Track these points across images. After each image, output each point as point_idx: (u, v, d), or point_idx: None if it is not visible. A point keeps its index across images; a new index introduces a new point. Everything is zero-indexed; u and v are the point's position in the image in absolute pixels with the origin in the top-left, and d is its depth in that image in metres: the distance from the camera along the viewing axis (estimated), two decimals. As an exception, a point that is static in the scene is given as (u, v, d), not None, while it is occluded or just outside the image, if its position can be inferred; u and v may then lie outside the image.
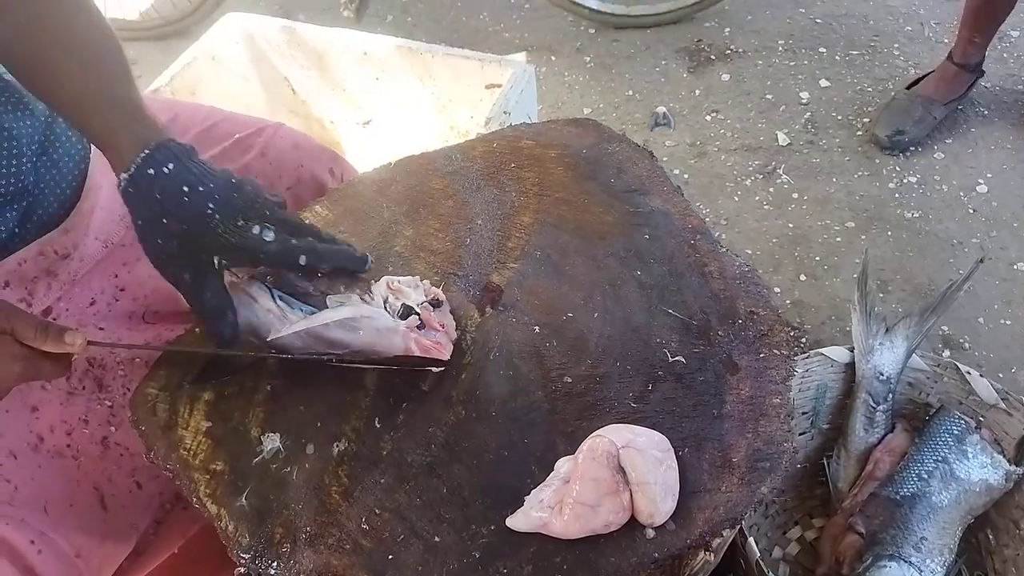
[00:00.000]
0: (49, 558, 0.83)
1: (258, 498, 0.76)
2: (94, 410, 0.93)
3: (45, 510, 0.86)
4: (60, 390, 0.91)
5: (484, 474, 0.77)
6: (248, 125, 1.16)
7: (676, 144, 2.22)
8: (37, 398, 0.89)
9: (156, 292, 1.01)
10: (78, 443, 0.91)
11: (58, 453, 0.89)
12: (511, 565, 0.70)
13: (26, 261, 0.88)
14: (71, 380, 0.92)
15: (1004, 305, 1.76)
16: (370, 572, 0.71)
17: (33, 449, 0.88)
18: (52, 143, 0.91)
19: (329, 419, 0.82)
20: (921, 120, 2.08)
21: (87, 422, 0.92)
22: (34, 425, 0.89)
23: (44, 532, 0.84)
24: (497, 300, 0.91)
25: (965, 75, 2.09)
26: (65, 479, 0.89)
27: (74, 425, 0.91)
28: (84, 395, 0.93)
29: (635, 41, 2.55)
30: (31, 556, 0.82)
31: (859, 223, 1.96)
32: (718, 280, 0.93)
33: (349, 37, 1.68)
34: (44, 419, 0.89)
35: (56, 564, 0.84)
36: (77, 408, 0.92)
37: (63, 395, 0.91)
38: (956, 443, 1.26)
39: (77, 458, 0.90)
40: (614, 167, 1.07)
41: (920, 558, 1.19)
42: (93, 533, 0.88)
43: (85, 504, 0.90)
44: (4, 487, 0.84)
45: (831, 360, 1.36)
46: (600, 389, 0.83)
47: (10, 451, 0.86)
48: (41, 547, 0.83)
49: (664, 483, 0.73)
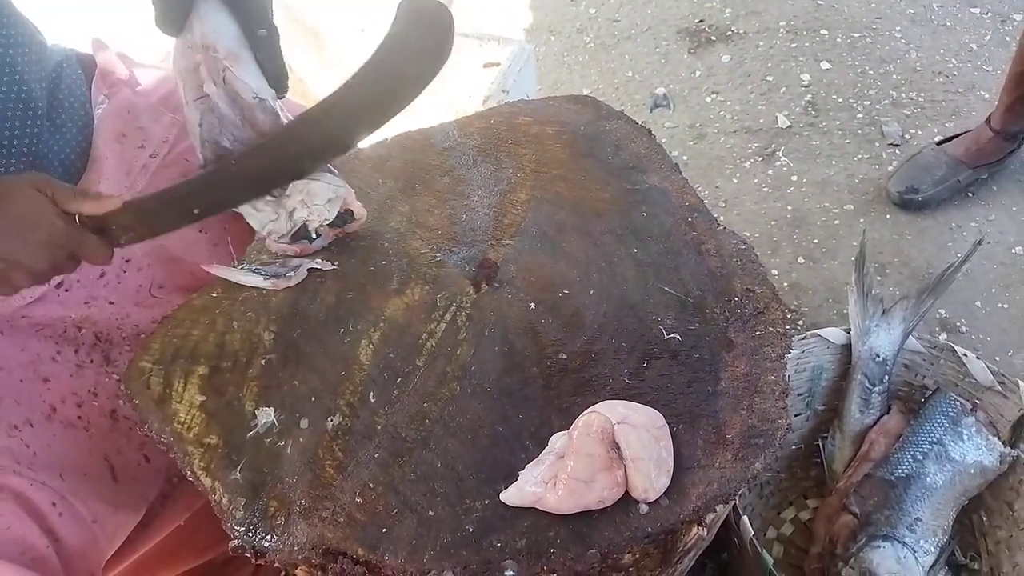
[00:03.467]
0: (69, 521, 0.84)
1: (252, 471, 0.76)
2: (102, 383, 0.94)
3: (61, 476, 0.87)
4: (69, 362, 0.92)
5: (478, 449, 0.77)
6: None
7: (675, 125, 2.21)
8: (48, 369, 0.90)
9: (159, 263, 1.01)
10: (88, 415, 0.92)
11: (70, 424, 0.90)
12: (505, 539, 0.71)
13: None
14: (79, 353, 0.93)
15: (1001, 289, 1.76)
16: (364, 545, 0.71)
17: (47, 418, 0.89)
18: (58, 104, 0.91)
19: (323, 394, 0.82)
20: (942, 181, 1.90)
21: (96, 395, 0.93)
22: (46, 395, 0.89)
23: (64, 496, 0.85)
24: (493, 276, 0.91)
25: (1002, 143, 1.89)
26: (78, 449, 0.90)
27: (84, 397, 0.92)
28: (92, 368, 0.94)
29: (635, 21, 2.53)
30: (52, 517, 0.83)
31: (858, 206, 1.96)
32: (715, 258, 0.92)
33: (347, 15, 1.67)
34: (55, 390, 0.90)
35: (75, 527, 0.85)
36: (86, 380, 0.93)
37: (72, 367, 0.92)
38: (951, 425, 1.26)
39: (88, 429, 0.92)
40: (612, 144, 1.06)
41: (914, 539, 1.19)
42: (106, 502, 0.90)
43: (97, 474, 0.91)
44: (24, 451, 0.85)
45: (827, 341, 1.36)
46: (595, 365, 0.83)
47: (27, 418, 0.87)
48: (62, 509, 0.84)
49: (658, 459, 0.73)
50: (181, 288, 1.03)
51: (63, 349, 0.92)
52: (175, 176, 1.04)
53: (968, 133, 1.94)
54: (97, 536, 0.87)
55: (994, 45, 2.28)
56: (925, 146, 1.98)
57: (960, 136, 1.95)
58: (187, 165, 1.05)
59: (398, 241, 0.95)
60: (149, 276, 1.01)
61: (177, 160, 1.05)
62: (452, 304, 0.88)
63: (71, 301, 0.93)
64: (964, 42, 2.32)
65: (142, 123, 1.02)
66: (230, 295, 0.92)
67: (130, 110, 1.01)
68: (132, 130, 1.01)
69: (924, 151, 1.96)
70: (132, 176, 0.99)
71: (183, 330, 0.89)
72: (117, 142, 0.99)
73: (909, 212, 1.92)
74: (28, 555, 0.79)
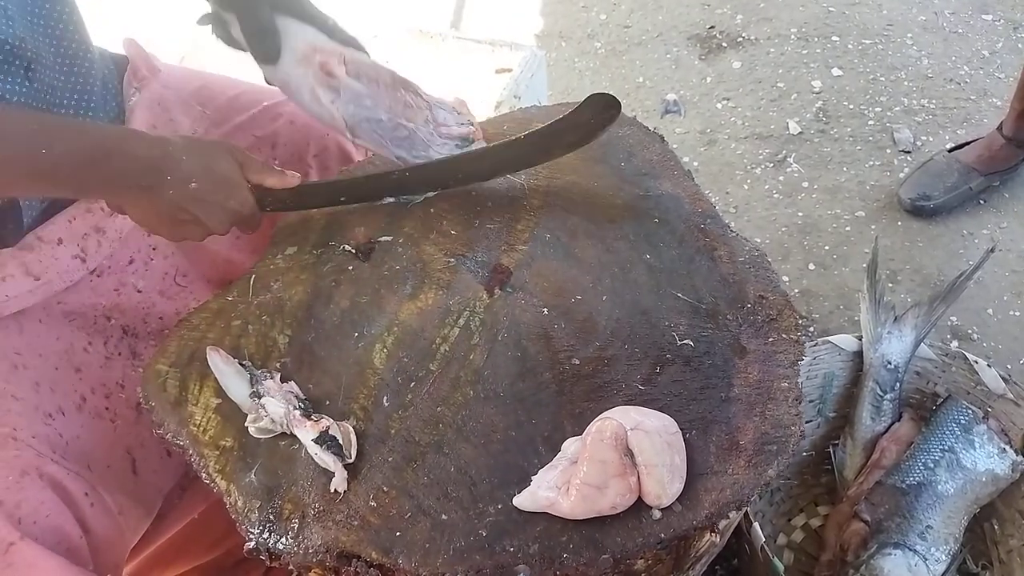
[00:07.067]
0: (99, 512, 0.86)
1: (267, 474, 0.77)
2: (129, 376, 0.96)
3: (89, 467, 0.88)
4: (99, 354, 0.94)
5: (491, 454, 0.77)
6: (274, 94, 1.17)
7: (686, 131, 2.21)
8: (80, 360, 0.92)
9: (183, 251, 1.04)
10: (115, 407, 0.94)
11: (98, 415, 0.92)
12: (518, 544, 0.71)
13: (75, 218, 0.91)
14: (108, 345, 0.96)
15: (1013, 296, 1.75)
16: (378, 548, 0.71)
17: (78, 408, 0.90)
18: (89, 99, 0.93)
19: (338, 397, 0.82)
20: (954, 188, 1.88)
21: (123, 387, 0.95)
22: (78, 385, 0.91)
23: (94, 486, 0.86)
24: (506, 282, 0.91)
25: (1013, 150, 1.87)
26: (104, 440, 0.92)
27: (112, 389, 0.94)
28: (120, 360, 0.96)
29: (646, 27, 2.54)
30: (85, 507, 0.84)
31: (869, 213, 1.95)
32: (727, 264, 0.93)
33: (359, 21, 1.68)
34: (86, 380, 0.92)
35: (104, 519, 0.86)
36: (114, 372, 0.95)
37: (101, 359, 0.94)
38: (963, 433, 1.25)
39: (115, 420, 0.93)
40: (625, 151, 1.07)
41: (925, 547, 1.19)
42: (127, 494, 0.91)
43: (119, 466, 0.92)
44: (58, 440, 0.86)
45: (839, 348, 1.36)
46: (608, 371, 0.83)
47: (59, 407, 0.88)
48: (93, 500, 0.85)
49: (671, 465, 0.73)
50: (203, 277, 1.06)
51: (94, 340, 0.94)
52: None
53: (980, 140, 1.92)
54: (123, 529, 0.88)
55: (1006, 52, 2.27)
56: (937, 153, 1.96)
57: (972, 143, 1.93)
58: None
59: (412, 246, 0.96)
60: (174, 264, 1.03)
61: None
62: (465, 309, 0.88)
63: (102, 288, 0.95)
64: (976, 49, 2.32)
65: (173, 115, 1.04)
66: (246, 299, 0.92)
67: (160, 103, 1.04)
68: (163, 122, 1.03)
69: (936, 158, 1.95)
70: None
71: (199, 333, 0.90)
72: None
73: (921, 219, 1.91)
74: (63, 545, 0.80)
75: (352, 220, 0.99)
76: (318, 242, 0.98)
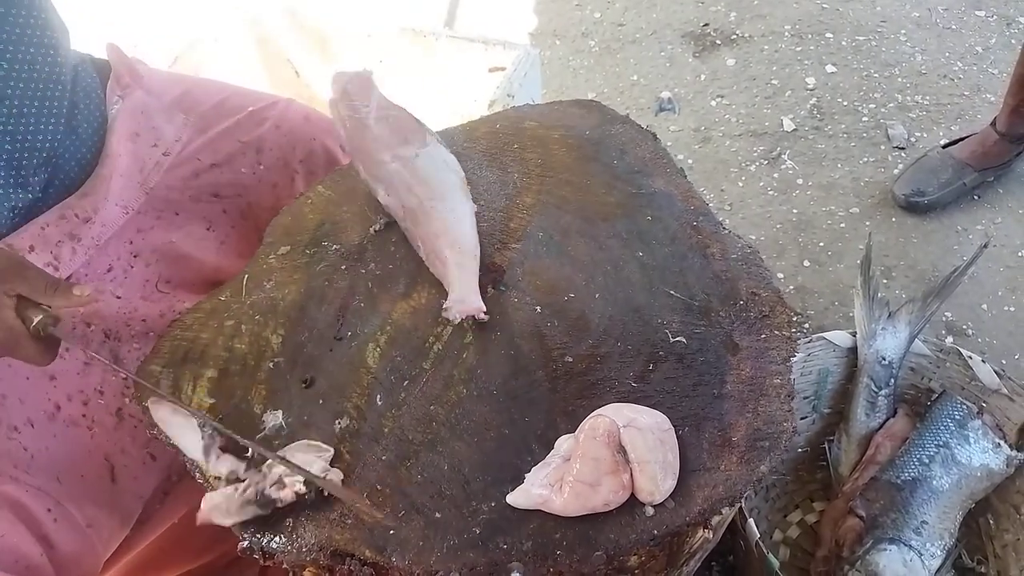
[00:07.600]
0: (64, 527, 0.84)
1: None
2: (109, 381, 0.95)
3: (58, 480, 0.87)
4: (77, 360, 0.93)
5: (485, 452, 0.77)
6: (259, 99, 1.17)
7: (680, 129, 2.21)
8: (55, 367, 0.90)
9: (166, 259, 1.03)
10: (93, 413, 0.92)
11: (73, 423, 0.90)
12: (511, 541, 0.71)
13: (48, 225, 0.90)
14: (88, 350, 0.93)
15: (1008, 292, 1.75)
16: (371, 547, 0.71)
17: (49, 418, 0.89)
18: (76, 106, 0.93)
19: (331, 396, 0.82)
20: (948, 184, 1.89)
21: (102, 393, 0.94)
22: (52, 393, 0.90)
23: (60, 502, 0.85)
24: (499, 280, 0.91)
25: (1007, 145, 1.87)
26: (78, 449, 0.90)
27: (90, 395, 0.93)
28: (100, 366, 0.94)
29: (640, 26, 2.54)
30: (47, 524, 0.83)
31: (864, 209, 1.96)
32: (720, 261, 0.93)
33: (353, 19, 1.68)
34: (61, 388, 0.91)
35: (70, 534, 0.85)
36: (93, 379, 0.93)
37: (80, 365, 0.93)
38: (958, 428, 1.26)
39: (92, 428, 0.92)
40: (617, 148, 1.07)
41: (920, 542, 1.19)
42: (102, 505, 0.90)
43: (95, 475, 0.91)
44: (22, 455, 0.85)
45: (833, 344, 1.36)
46: (601, 369, 0.83)
47: (28, 419, 0.87)
48: (57, 516, 0.84)
49: (664, 462, 0.73)
50: (186, 285, 1.04)
51: (71, 346, 0.92)
52: (187, 174, 1.05)
53: (973, 136, 1.93)
54: (93, 542, 0.87)
55: (999, 48, 2.28)
56: (931, 149, 1.97)
57: (966, 139, 1.94)
58: (198, 164, 1.06)
59: (405, 245, 0.96)
60: (156, 271, 1.02)
61: (189, 159, 1.06)
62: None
63: None
64: (969, 45, 2.32)
65: (155, 123, 1.04)
66: (239, 298, 0.92)
67: (144, 110, 1.03)
68: (146, 129, 1.02)
69: (930, 154, 1.96)
70: (145, 173, 1.01)
71: (192, 333, 0.90)
72: (131, 141, 1.00)
73: (915, 215, 1.91)
74: (22, 563, 0.79)
75: (346, 220, 0.99)
76: (311, 242, 0.98)
